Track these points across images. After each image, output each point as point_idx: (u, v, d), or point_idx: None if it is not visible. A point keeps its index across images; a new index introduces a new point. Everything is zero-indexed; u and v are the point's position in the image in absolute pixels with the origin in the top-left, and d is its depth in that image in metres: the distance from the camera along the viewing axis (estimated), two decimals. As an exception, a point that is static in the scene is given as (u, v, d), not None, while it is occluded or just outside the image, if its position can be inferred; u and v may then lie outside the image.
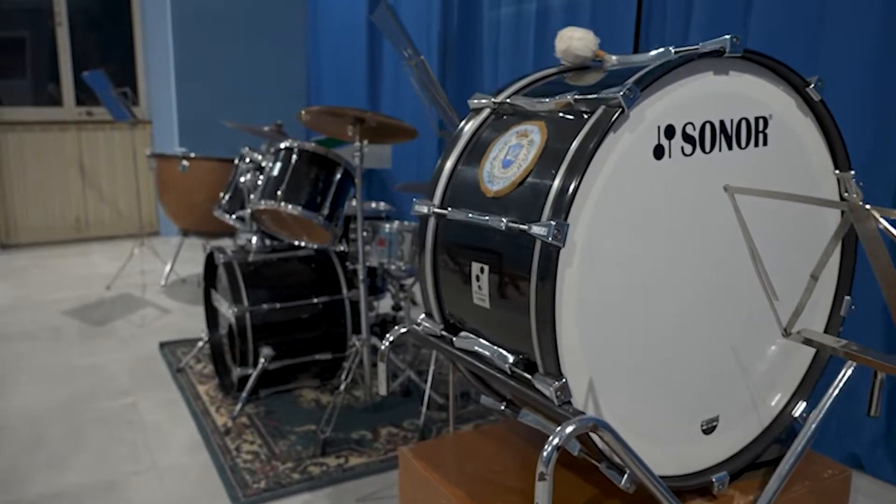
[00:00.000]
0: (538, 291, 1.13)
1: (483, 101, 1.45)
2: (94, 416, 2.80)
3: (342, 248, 2.98)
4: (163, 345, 3.57)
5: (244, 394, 2.70)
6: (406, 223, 2.94)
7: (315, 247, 2.92)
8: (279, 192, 2.65)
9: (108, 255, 5.73)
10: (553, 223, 1.08)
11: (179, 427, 2.71)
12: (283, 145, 2.77)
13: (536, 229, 1.11)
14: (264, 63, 6.43)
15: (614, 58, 1.45)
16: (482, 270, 1.27)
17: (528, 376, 1.20)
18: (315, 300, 2.85)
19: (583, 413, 1.13)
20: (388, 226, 2.86)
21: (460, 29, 4.34)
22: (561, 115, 1.26)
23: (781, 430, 1.47)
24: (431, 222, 1.40)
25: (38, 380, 3.15)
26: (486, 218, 1.24)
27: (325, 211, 2.69)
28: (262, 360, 2.71)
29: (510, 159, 1.27)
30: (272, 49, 6.46)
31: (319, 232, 2.85)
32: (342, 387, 2.64)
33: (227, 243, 4.95)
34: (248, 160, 3.10)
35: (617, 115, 1.13)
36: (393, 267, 2.87)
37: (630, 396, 1.25)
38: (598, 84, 1.29)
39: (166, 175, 4.65)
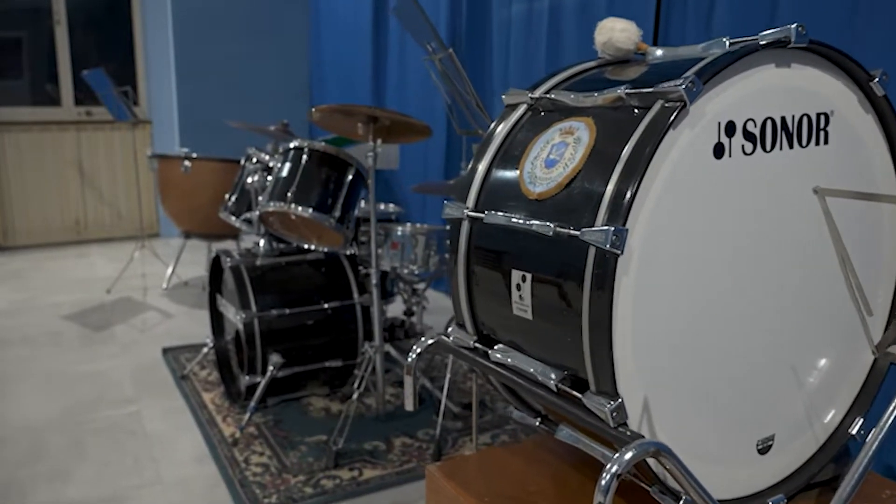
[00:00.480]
0: (593, 303, 1.03)
1: (519, 96, 1.36)
2: (97, 425, 2.70)
3: (352, 252, 2.89)
4: (166, 350, 3.47)
5: (252, 403, 2.60)
6: (419, 225, 2.85)
7: (325, 250, 2.82)
8: (289, 194, 2.55)
9: (107, 257, 5.62)
10: (611, 229, 0.99)
11: (185, 437, 2.61)
12: (292, 145, 2.67)
13: (591, 235, 1.01)
14: (266, 62, 6.34)
15: (659, 51, 1.36)
16: (524, 279, 1.18)
17: (578, 395, 1.11)
18: (325, 305, 2.75)
19: (641, 436, 1.03)
20: (400, 228, 2.77)
21: (469, 28, 4.24)
22: (611, 110, 1.16)
23: (837, 449, 1.38)
24: (465, 226, 1.31)
25: (38, 387, 3.04)
26: (530, 222, 1.14)
27: (337, 213, 2.59)
28: (270, 367, 2.61)
29: (554, 159, 1.18)
30: (274, 48, 6.36)
31: (330, 235, 2.75)
32: (355, 396, 2.54)
33: (230, 245, 4.86)
34: (254, 160, 3.00)
35: (678, 110, 1.03)
36: (405, 271, 2.78)
37: (685, 416, 1.16)
38: (650, 77, 1.19)
39: (168, 176, 4.55)
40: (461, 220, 1.31)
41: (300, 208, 2.56)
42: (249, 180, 2.79)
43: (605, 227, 0.99)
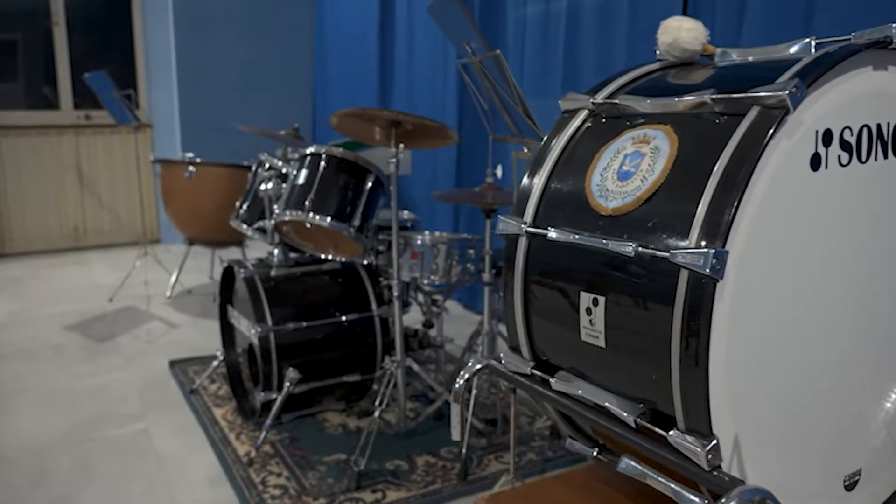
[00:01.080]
0: (685, 332, 0.92)
1: (578, 101, 1.25)
2: (103, 445, 2.58)
3: (369, 262, 2.77)
4: (173, 363, 3.35)
5: (268, 421, 2.48)
6: (439, 234, 2.74)
7: (342, 260, 2.71)
8: (307, 203, 2.44)
9: (108, 264, 5.50)
10: (710, 251, 0.88)
11: (197, 457, 2.50)
12: (309, 151, 2.56)
13: (685, 257, 0.90)
14: (269, 64, 6.23)
15: (734, 53, 1.26)
16: (595, 303, 1.07)
17: (662, 433, 1.00)
18: (342, 318, 2.64)
19: (741, 481, 0.93)
20: (420, 237, 2.66)
21: (481, 28, 4.13)
22: (692, 117, 1.06)
23: (922, 482, 1.28)
24: (522, 243, 1.20)
25: (40, 404, 2.92)
26: (604, 241, 1.03)
27: (356, 222, 2.48)
28: (287, 384, 2.50)
29: (629, 170, 1.07)
30: (277, 51, 6.26)
31: (349, 244, 2.65)
32: (377, 413, 2.43)
33: (234, 253, 4.75)
34: (267, 167, 2.89)
35: (780, 118, 0.93)
36: (426, 281, 2.67)
37: (775, 454, 1.05)
38: (736, 81, 1.08)
39: (172, 181, 4.43)
40: (518, 235, 1.21)
41: (318, 217, 2.45)
42: (263, 187, 2.67)
43: (703, 250, 0.89)
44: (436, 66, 4.57)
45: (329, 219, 2.45)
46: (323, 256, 2.71)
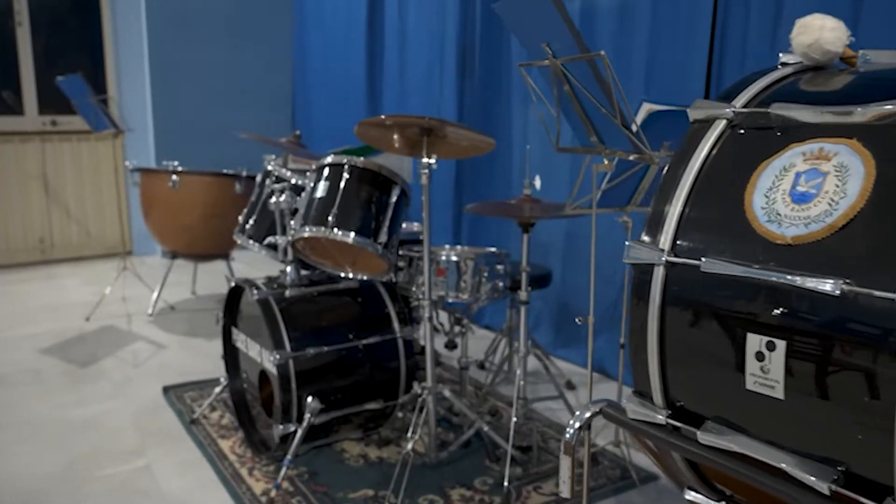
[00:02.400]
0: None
1: (713, 109, 1.09)
2: (102, 486, 2.34)
3: (388, 279, 2.59)
4: (167, 389, 3.10)
5: (288, 456, 2.27)
6: (465, 248, 2.57)
7: (362, 278, 2.51)
8: (330, 218, 2.24)
9: (80, 279, 5.18)
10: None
11: (209, 497, 2.28)
12: (328, 161, 2.36)
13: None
14: (246, 67, 5.99)
15: (872, 55, 1.11)
16: (771, 347, 0.91)
17: (869, 503, 0.84)
18: (364, 341, 2.44)
19: None
20: (445, 253, 2.49)
21: (484, 32, 3.98)
22: (886, 129, 0.90)
23: None
24: (659, 273, 1.04)
25: (26, 439, 2.66)
26: (790, 276, 0.87)
27: (383, 238, 2.30)
28: (308, 415, 2.29)
29: (808, 192, 0.91)
30: (255, 52, 6.01)
31: (370, 261, 2.46)
32: (410, 446, 2.24)
33: (220, 266, 4.50)
34: (274, 176, 2.68)
35: None
36: (452, 300, 2.50)
37: None
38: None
39: (153, 191, 4.17)
40: (653, 265, 1.04)
41: (342, 233, 2.25)
42: (274, 200, 2.46)
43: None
44: (431, 67, 4.38)
45: (354, 235, 2.25)
46: (344, 275, 2.51)
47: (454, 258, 2.47)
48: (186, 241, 4.23)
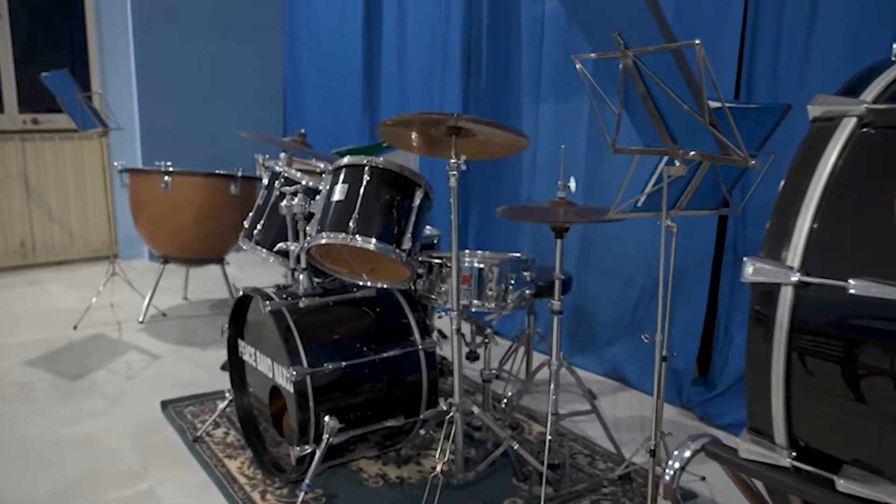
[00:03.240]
0: None
1: (838, 105, 0.95)
2: (104, 513, 2.17)
3: (407, 287, 2.43)
4: (165, 404, 2.92)
5: (307, 480, 2.11)
6: (489, 254, 2.42)
7: (384, 286, 2.36)
8: (351, 224, 2.08)
9: (64, 284, 4.97)
10: None
11: (221, 525, 2.12)
12: (347, 163, 2.20)
13: None
14: (236, 64, 5.80)
15: None
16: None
17: None
18: (384, 354, 2.29)
19: None
20: (468, 258, 2.34)
21: (491, 26, 3.83)
22: None
23: None
24: (787, 295, 0.90)
25: (16, 462, 2.47)
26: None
27: (406, 244, 2.14)
28: (326, 435, 2.13)
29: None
30: (244, 48, 5.83)
31: (392, 269, 2.30)
32: (439, 467, 2.09)
33: (214, 271, 4.31)
34: (283, 178, 2.51)
35: None
36: (475, 309, 2.35)
37: None
38: None
39: (143, 193, 3.98)
40: (779, 285, 0.90)
41: (362, 239, 2.09)
42: (285, 204, 2.30)
43: None
44: (434, 62, 4.22)
45: (376, 241, 2.09)
46: (361, 283, 2.35)
47: (479, 265, 2.32)
48: (179, 245, 4.05)
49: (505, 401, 2.83)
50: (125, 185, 4.04)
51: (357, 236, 2.07)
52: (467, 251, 2.55)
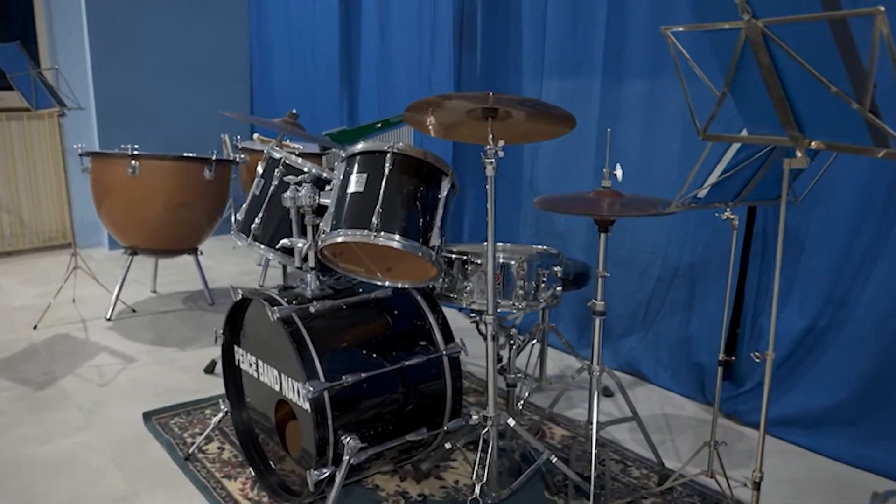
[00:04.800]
0: None
1: None
2: (93, 551, 1.90)
3: (426, 286, 2.20)
4: (148, 416, 2.64)
5: (329, 506, 1.88)
6: (509, 245, 2.21)
7: (405, 286, 2.11)
8: (374, 220, 1.83)
9: (16, 277, 4.58)
10: None
11: (229, 560, 1.87)
12: (363, 149, 1.95)
13: None
14: (198, 38, 5.43)
15: None
16: None
17: None
18: (406, 362, 2.05)
19: None
20: (501, 255, 2.12)
21: (481, -5, 3.57)
22: None
23: None
24: None
25: (-16, 490, 2.18)
26: None
27: (435, 241, 1.91)
28: (346, 457, 1.90)
29: None
30: (208, 21, 5.45)
31: (415, 267, 2.06)
32: (477, 490, 1.87)
33: (187, 263, 3.99)
34: (283, 166, 2.24)
35: None
36: (506, 309, 2.14)
37: None
38: None
39: (108, 179, 3.65)
40: None
41: (386, 236, 1.85)
42: (289, 195, 2.03)
43: None
44: (421, 35, 3.95)
45: (402, 239, 1.85)
46: (382, 284, 2.10)
47: (509, 261, 2.10)
48: (148, 235, 3.72)
49: (521, 403, 2.63)
50: (86, 171, 3.69)
51: (382, 234, 1.83)
52: (484, 243, 2.33)
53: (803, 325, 2.49)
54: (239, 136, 4.95)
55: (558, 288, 2.16)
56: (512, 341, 2.26)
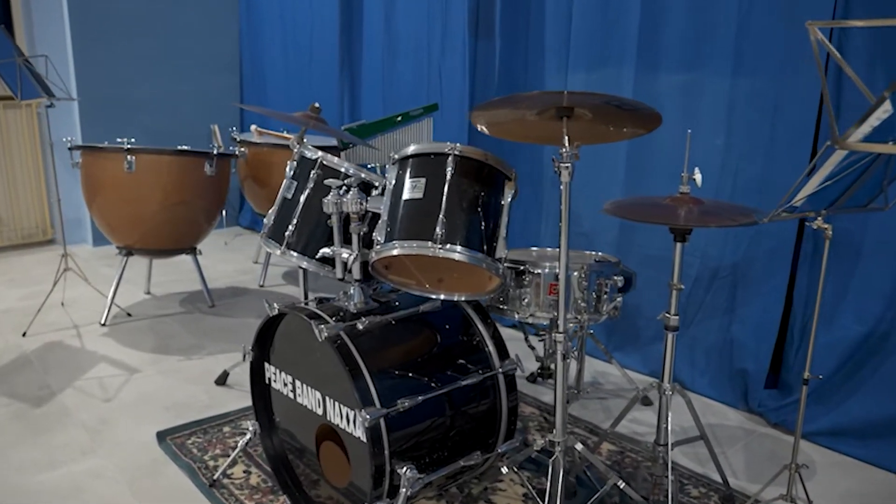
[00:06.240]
0: None
1: None
2: None
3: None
4: (162, 435, 2.44)
5: (385, 547, 1.71)
6: (573, 252, 2.04)
7: (461, 299, 1.94)
8: (438, 230, 1.66)
9: (-2, 278, 4.31)
10: None
11: None
12: (420, 151, 1.76)
13: None
14: (184, 24, 5.16)
15: None
16: None
17: None
18: (462, 382, 1.89)
19: None
20: (549, 262, 1.96)
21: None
22: None
23: None
24: None
25: (-11, 527, 1.97)
26: None
27: (501, 252, 1.74)
28: (404, 489, 1.73)
29: None
30: (194, 6, 5.18)
31: (470, 278, 1.89)
32: (551, 526, 1.72)
33: (186, 263, 3.77)
34: (321, 166, 2.04)
35: None
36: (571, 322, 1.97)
37: None
38: None
39: (102, 175, 3.41)
40: None
41: (449, 248, 1.67)
42: (331, 200, 1.84)
43: None
44: (432, 21, 3.75)
45: (466, 251, 1.68)
46: (437, 297, 1.92)
47: (570, 271, 1.94)
48: (144, 235, 3.49)
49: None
50: (77, 165, 3.44)
51: (447, 246, 1.65)
52: (534, 249, 2.18)
53: (861, 332, 2.37)
54: (234, 128, 4.72)
55: (619, 298, 2.00)
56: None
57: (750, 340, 2.68)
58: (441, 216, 1.66)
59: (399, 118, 3.00)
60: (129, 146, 3.26)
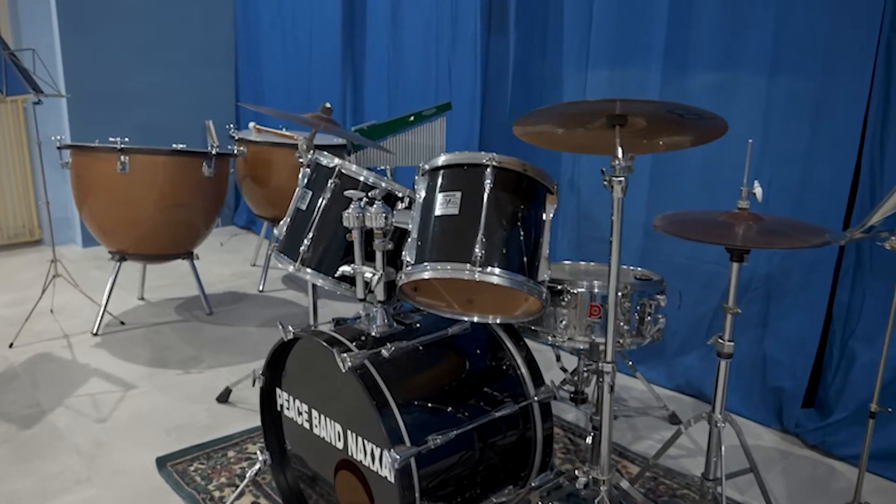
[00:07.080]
0: None
1: None
2: None
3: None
4: (162, 461, 2.27)
5: None
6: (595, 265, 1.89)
7: (496, 321, 1.78)
8: (477, 251, 1.49)
9: (-18, 283, 4.10)
10: None
11: None
12: (453, 161, 1.59)
13: None
14: (176, 16, 4.96)
15: None
16: None
17: None
18: (497, 413, 1.73)
19: None
20: (588, 280, 1.80)
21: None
22: None
23: None
24: None
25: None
26: None
27: (544, 275, 1.58)
28: (436, 533, 1.57)
29: None
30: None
31: (505, 298, 1.73)
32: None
33: (182, 267, 3.58)
34: (339, 175, 1.87)
35: None
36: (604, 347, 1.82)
37: None
38: None
39: (93, 176, 3.22)
40: None
41: (489, 271, 1.51)
42: (352, 214, 1.67)
43: None
44: (441, 13, 3.57)
45: (507, 273, 1.52)
46: (470, 320, 1.76)
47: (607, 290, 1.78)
48: (138, 239, 3.31)
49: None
50: (66, 166, 3.25)
51: (487, 269, 1.49)
52: (567, 263, 2.02)
53: (908, 351, 2.23)
54: (232, 125, 4.53)
55: (662, 320, 1.85)
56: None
57: (785, 356, 2.54)
58: (480, 236, 1.50)
59: (412, 118, 2.82)
60: (122, 146, 3.08)
